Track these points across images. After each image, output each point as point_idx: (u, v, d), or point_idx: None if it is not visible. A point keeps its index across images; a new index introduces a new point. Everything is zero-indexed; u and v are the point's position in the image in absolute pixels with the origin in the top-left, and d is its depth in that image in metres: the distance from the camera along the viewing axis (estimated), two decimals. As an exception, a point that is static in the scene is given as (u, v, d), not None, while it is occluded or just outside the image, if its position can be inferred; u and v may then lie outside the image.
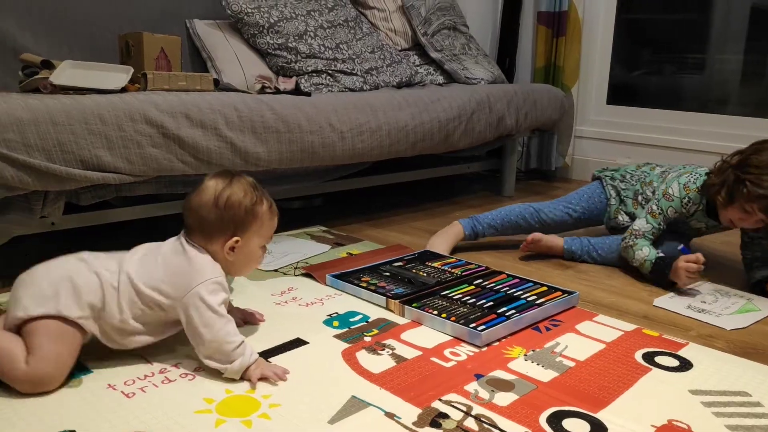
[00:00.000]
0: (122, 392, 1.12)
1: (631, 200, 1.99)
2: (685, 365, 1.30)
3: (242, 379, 1.17)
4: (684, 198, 1.80)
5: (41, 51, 2.02)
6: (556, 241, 2.01)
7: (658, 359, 1.32)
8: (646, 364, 1.29)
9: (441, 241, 2.02)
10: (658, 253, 1.78)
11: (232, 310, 1.38)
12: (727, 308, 1.64)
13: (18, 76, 1.84)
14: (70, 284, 1.15)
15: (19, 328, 1.14)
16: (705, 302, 1.68)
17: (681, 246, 1.76)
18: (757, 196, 1.61)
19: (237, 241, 1.23)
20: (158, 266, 1.20)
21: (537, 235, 1.99)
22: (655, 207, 1.84)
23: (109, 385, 1.14)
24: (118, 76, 1.82)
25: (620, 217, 2.00)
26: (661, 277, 1.76)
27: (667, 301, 1.68)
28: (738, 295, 1.74)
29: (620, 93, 3.33)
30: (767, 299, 1.71)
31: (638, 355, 1.33)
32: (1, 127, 1.43)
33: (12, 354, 1.11)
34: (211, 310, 1.16)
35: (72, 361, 1.15)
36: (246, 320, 1.42)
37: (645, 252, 1.79)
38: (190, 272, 1.18)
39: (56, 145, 1.51)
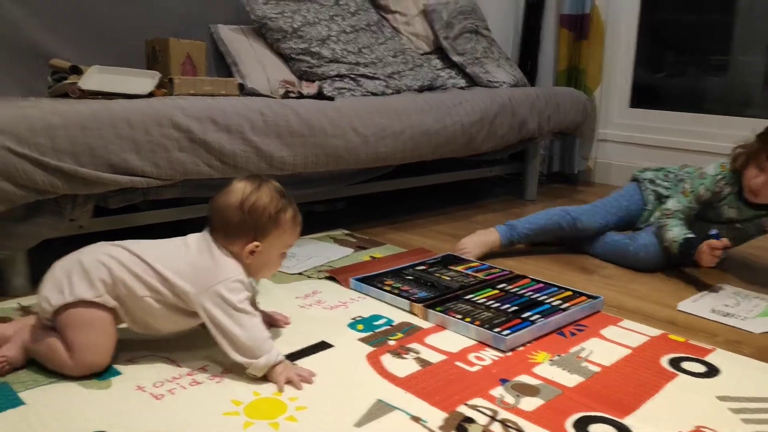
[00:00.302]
0: (151, 394, 1.14)
1: None
2: (712, 371, 1.29)
3: (267, 380, 1.18)
4: (718, 175, 1.81)
5: (69, 56, 2.05)
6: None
7: (685, 365, 1.31)
8: (673, 370, 1.28)
9: (473, 246, 1.98)
10: (686, 234, 1.79)
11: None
12: (751, 311, 1.64)
13: (47, 81, 1.87)
14: (80, 266, 1.19)
15: (53, 323, 1.19)
16: (728, 306, 1.67)
17: (714, 231, 1.76)
18: (765, 142, 1.68)
19: (257, 246, 1.24)
20: (181, 256, 1.22)
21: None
22: (687, 186, 1.87)
23: (138, 386, 1.16)
24: (145, 81, 1.85)
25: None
26: (686, 257, 1.78)
27: (691, 305, 1.67)
28: (759, 297, 1.73)
29: (643, 96, 3.31)
30: None
31: (664, 361, 1.32)
32: (32, 132, 1.46)
33: (56, 355, 1.17)
34: (236, 309, 1.17)
35: (111, 342, 1.19)
36: (270, 323, 1.43)
37: (674, 233, 1.81)
38: (213, 269, 1.20)
39: (85, 150, 1.54)
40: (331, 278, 1.76)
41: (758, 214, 1.81)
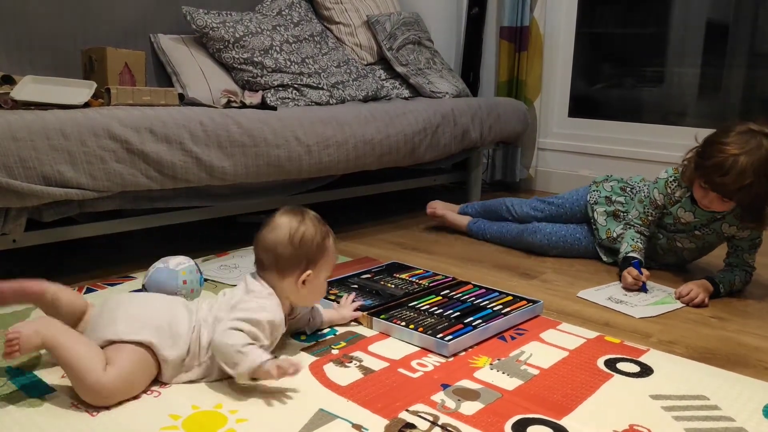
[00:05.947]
0: (86, 411, 1.11)
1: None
2: (645, 371, 1.33)
3: (256, 379, 1.17)
4: (669, 177, 1.86)
5: (2, 66, 1.99)
6: (460, 220, 2.43)
7: (620, 365, 1.35)
8: (608, 371, 1.32)
9: (442, 205, 2.47)
10: (628, 251, 1.88)
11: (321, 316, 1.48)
12: (645, 300, 1.75)
13: (-22, 91, 1.82)
14: (169, 318, 1.20)
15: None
16: (626, 295, 1.79)
17: (636, 261, 1.84)
18: (701, 167, 1.70)
19: (309, 275, 1.29)
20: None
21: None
22: (644, 193, 1.94)
23: (72, 403, 1.13)
24: (80, 91, 1.81)
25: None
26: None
27: (591, 293, 1.80)
28: (661, 289, 1.84)
29: (581, 106, 3.40)
30: None
31: (600, 362, 1.36)
32: (-39, 143, 1.41)
33: (90, 360, 1.11)
34: (240, 319, 1.19)
35: (141, 388, 1.16)
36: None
37: (623, 247, 1.92)
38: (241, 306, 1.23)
39: (17, 162, 1.50)
40: (274, 289, 1.74)
41: (714, 217, 1.82)
